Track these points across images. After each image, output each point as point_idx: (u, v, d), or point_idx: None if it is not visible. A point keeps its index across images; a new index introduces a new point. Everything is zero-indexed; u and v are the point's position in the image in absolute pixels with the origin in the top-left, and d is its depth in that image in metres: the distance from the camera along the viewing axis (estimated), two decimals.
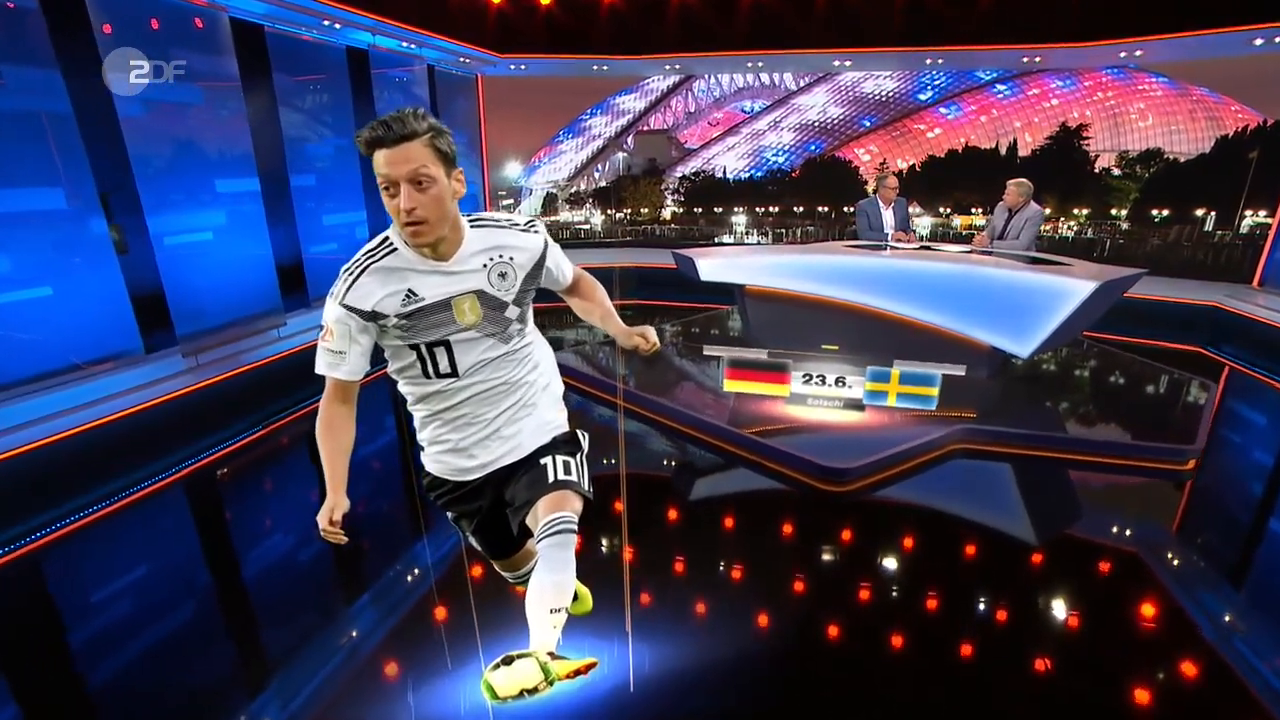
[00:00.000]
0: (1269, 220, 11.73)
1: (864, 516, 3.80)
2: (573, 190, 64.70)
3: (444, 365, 1.60)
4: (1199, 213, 24.56)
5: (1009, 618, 2.97)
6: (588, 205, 52.18)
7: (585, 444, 1.87)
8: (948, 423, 4.32)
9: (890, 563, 3.35)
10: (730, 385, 4.56)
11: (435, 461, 1.78)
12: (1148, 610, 3.00)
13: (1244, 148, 25.79)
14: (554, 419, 1.83)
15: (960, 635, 2.86)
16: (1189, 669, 2.67)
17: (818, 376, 4.34)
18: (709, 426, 4.56)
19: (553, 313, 10.58)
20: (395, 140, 1.41)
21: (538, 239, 1.68)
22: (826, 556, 3.39)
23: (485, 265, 1.58)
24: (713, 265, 5.63)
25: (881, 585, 3.17)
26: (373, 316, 1.52)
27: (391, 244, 1.54)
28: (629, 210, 43.37)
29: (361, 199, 8.79)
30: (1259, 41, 9.47)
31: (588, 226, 28.34)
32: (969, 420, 4.59)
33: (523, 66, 12.96)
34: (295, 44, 7.64)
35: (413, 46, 9.63)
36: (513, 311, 1.63)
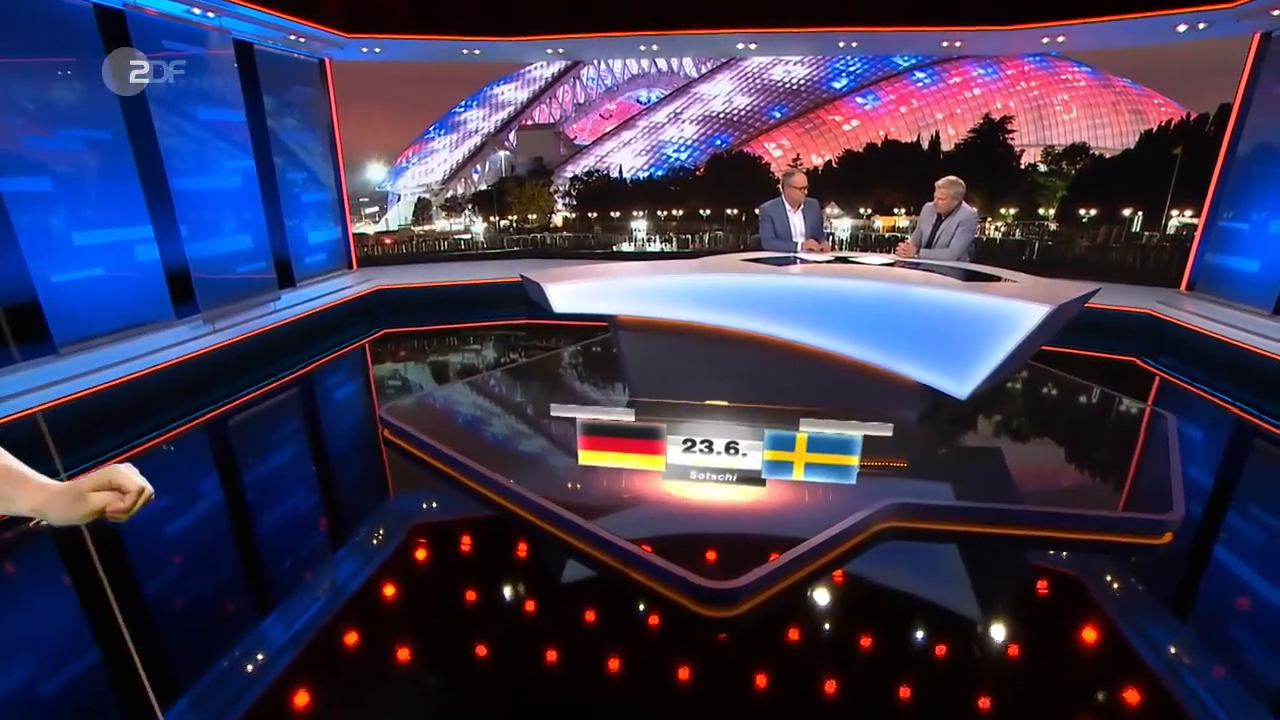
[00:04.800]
0: (1195, 221, 12.55)
1: (762, 655, 3.05)
2: (449, 195, 63.39)
3: None
4: (1126, 212, 26.54)
5: None
6: (467, 212, 51.36)
7: None
8: (871, 492, 3.83)
9: None
10: (587, 458, 3.92)
11: None
12: None
13: (1168, 143, 28.10)
14: None
15: None
16: None
17: (703, 443, 3.76)
18: (551, 516, 3.83)
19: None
20: None
21: None
22: None
23: None
24: (569, 291, 4.87)
25: None
26: None
27: None
28: (515, 217, 42.81)
29: (143, 208, 7.66)
30: (1182, 28, 10.05)
31: (468, 236, 27.55)
32: (899, 473, 4.19)
33: (377, 49, 12.34)
34: None
35: (210, 15, 8.63)
36: None
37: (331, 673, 2.92)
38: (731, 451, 3.66)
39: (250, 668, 2.96)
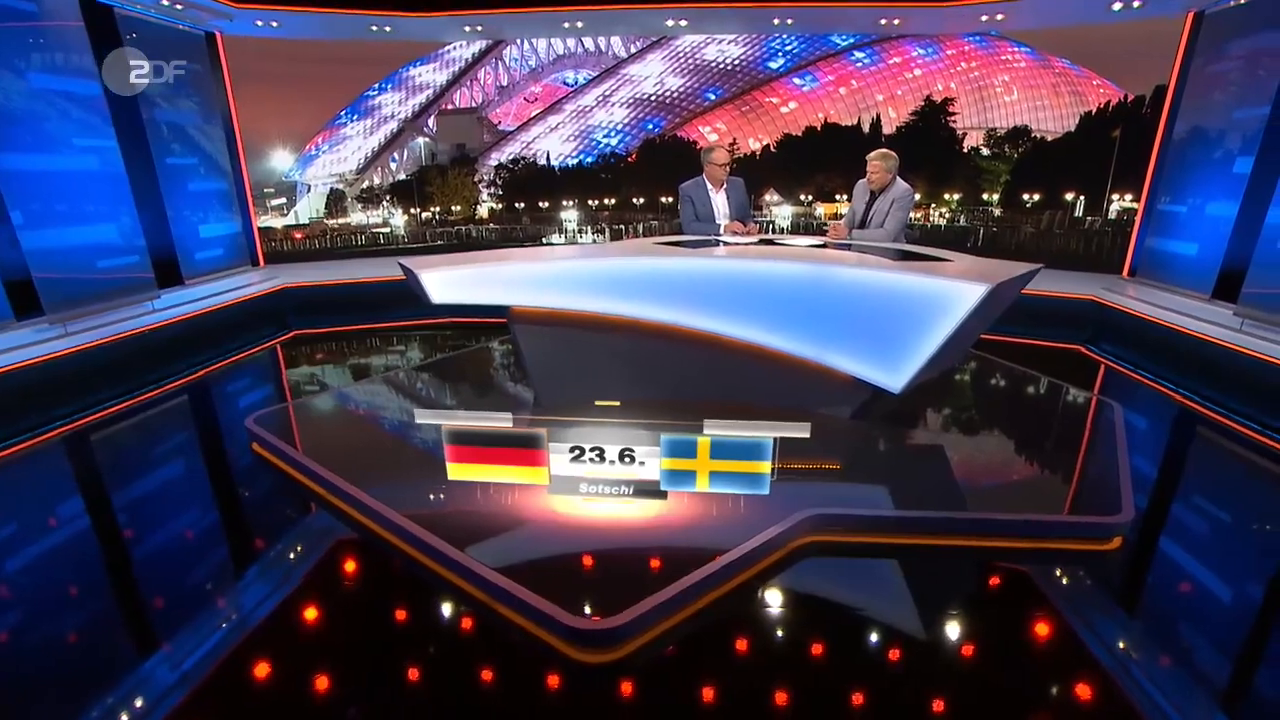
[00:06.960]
0: (1135, 205, 12.91)
1: (648, 711, 2.64)
2: (364, 185, 61.95)
3: None
4: (1069, 197, 27.51)
5: None
6: (385, 203, 50.15)
7: None
8: (789, 503, 3.49)
9: None
10: (456, 471, 3.47)
11: None
12: None
13: (1107, 125, 29.21)
14: None
15: None
16: None
17: (593, 452, 3.44)
18: (413, 540, 3.40)
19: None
20: None
21: None
22: None
23: None
24: (449, 279, 4.40)
25: None
26: None
27: None
28: (438, 208, 41.95)
29: None
30: (1118, 6, 10.37)
31: (387, 230, 26.87)
32: (826, 478, 3.96)
33: (274, 23, 11.70)
34: None
35: None
36: None
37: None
38: (627, 461, 3.32)
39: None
